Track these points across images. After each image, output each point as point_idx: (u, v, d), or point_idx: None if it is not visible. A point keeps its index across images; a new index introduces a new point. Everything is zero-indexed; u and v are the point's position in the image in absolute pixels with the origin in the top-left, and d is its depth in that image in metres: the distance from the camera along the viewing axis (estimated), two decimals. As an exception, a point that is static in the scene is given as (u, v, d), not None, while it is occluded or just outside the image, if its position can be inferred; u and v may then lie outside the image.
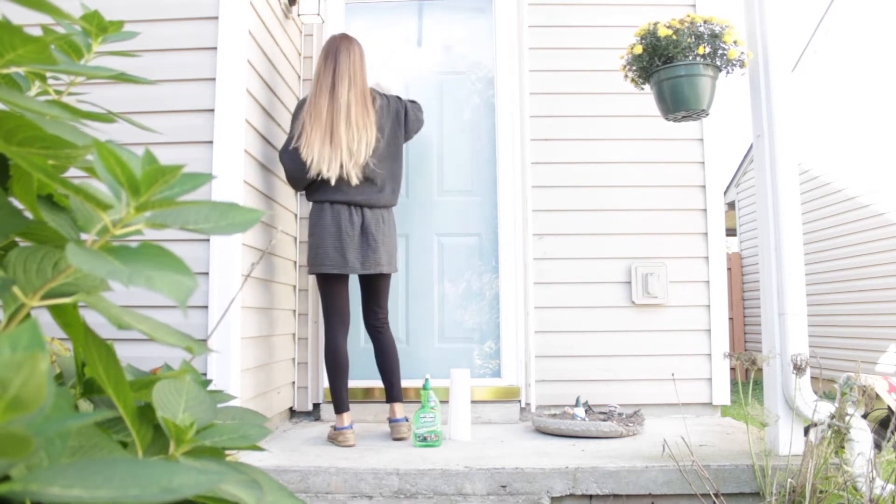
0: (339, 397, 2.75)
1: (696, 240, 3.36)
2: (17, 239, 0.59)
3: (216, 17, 2.46)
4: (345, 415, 2.73)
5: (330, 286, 2.79)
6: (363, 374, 3.41)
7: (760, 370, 2.32)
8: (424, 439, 2.61)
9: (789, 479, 1.99)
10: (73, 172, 0.69)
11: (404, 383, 3.31)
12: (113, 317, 0.54)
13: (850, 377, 2.13)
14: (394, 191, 2.87)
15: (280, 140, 3.05)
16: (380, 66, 3.43)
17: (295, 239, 3.35)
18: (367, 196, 2.76)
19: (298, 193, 3.38)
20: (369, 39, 3.64)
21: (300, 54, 3.46)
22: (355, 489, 2.18)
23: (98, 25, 0.76)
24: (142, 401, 0.63)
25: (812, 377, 2.31)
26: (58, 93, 0.76)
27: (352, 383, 3.35)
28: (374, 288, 2.88)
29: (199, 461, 0.58)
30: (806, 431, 2.23)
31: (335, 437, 2.69)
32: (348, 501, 2.16)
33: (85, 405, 0.65)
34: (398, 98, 2.94)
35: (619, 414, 2.95)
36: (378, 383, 3.33)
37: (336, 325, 2.79)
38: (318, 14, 3.31)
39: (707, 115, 2.43)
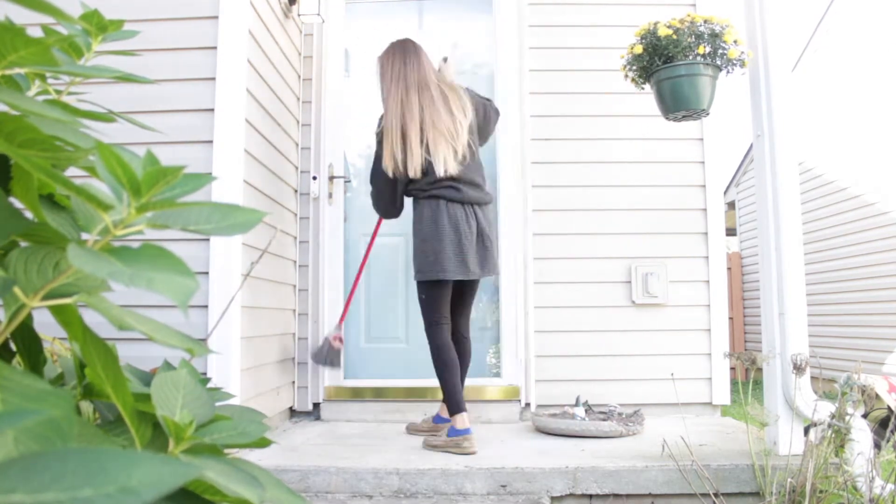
0: (458, 397, 2.51)
1: (696, 239, 3.36)
2: (17, 238, 0.59)
3: (216, 17, 2.46)
4: (465, 415, 2.48)
5: (442, 291, 2.62)
6: (360, 374, 3.42)
7: (760, 370, 2.32)
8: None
9: (789, 479, 1.99)
10: (74, 172, 0.69)
11: (406, 383, 3.32)
12: (114, 318, 0.54)
13: (851, 377, 2.13)
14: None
15: (280, 139, 3.05)
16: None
17: (295, 239, 3.34)
18: (478, 193, 2.62)
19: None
20: (369, 39, 3.64)
21: (300, 54, 3.46)
22: (355, 489, 2.18)
23: (98, 24, 0.76)
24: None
25: (812, 377, 2.31)
26: (57, 92, 0.76)
27: (354, 383, 3.36)
28: (472, 294, 2.78)
29: (199, 458, 0.58)
30: (806, 431, 2.23)
31: (457, 444, 2.42)
32: (348, 501, 2.16)
33: (86, 406, 0.65)
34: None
35: (619, 413, 2.95)
36: (376, 383, 3.35)
37: (444, 325, 2.64)
38: (318, 14, 3.31)
39: (707, 114, 2.43)
